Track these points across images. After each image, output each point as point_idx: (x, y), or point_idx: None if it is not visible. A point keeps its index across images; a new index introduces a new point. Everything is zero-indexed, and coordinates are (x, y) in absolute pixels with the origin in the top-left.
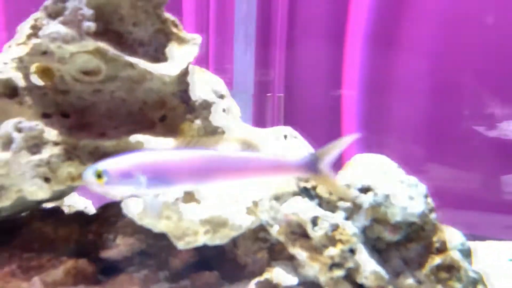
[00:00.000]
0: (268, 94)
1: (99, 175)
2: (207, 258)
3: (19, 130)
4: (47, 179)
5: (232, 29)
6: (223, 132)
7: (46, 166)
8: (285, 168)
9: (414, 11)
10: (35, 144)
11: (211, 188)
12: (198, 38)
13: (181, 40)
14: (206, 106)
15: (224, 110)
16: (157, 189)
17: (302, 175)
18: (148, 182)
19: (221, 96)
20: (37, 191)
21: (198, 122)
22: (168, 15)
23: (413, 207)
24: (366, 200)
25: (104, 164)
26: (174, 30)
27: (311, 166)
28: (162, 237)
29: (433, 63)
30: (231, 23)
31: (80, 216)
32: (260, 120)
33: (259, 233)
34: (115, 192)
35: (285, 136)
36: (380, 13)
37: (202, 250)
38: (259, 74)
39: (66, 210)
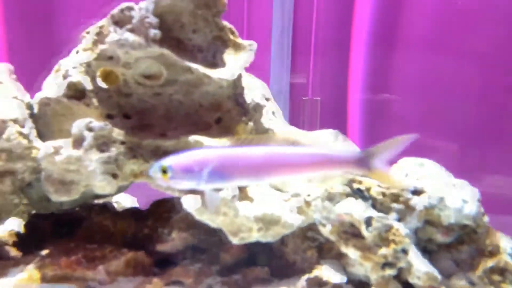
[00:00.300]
0: (305, 98)
1: (164, 171)
2: (256, 255)
3: (90, 129)
4: (114, 175)
5: (269, 33)
6: (273, 133)
7: (114, 163)
8: (340, 162)
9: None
10: (104, 143)
11: (268, 183)
12: (253, 45)
13: (238, 46)
14: (258, 109)
15: (273, 113)
16: (218, 184)
17: (356, 170)
18: (209, 177)
19: (268, 99)
20: (105, 186)
21: (251, 124)
22: (225, 23)
23: (467, 209)
24: (419, 202)
25: (168, 161)
26: (231, 36)
27: (365, 162)
28: (213, 233)
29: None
30: (268, 27)
31: (135, 211)
32: (296, 123)
33: (307, 232)
34: (178, 186)
35: (335, 139)
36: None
37: (251, 247)
38: (295, 77)
39: (115, 206)
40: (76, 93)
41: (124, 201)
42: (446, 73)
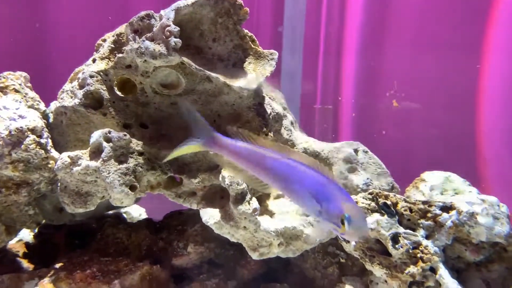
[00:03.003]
0: (316, 106)
1: (342, 222)
2: (274, 270)
3: (109, 139)
4: (132, 187)
5: (281, 42)
6: (293, 145)
7: (132, 175)
8: None
9: None
10: (123, 154)
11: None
12: (275, 54)
13: (258, 55)
14: (278, 119)
15: (292, 123)
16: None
17: None
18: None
19: (284, 108)
20: (123, 198)
21: (271, 135)
22: (246, 31)
23: (499, 227)
24: (448, 218)
25: (348, 211)
26: (252, 45)
27: None
28: (229, 247)
29: None
30: (280, 37)
31: (148, 223)
32: (307, 131)
33: (328, 247)
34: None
35: (356, 150)
36: None
37: (268, 262)
38: (307, 86)
39: (125, 216)
40: (93, 102)
41: (133, 211)
42: None
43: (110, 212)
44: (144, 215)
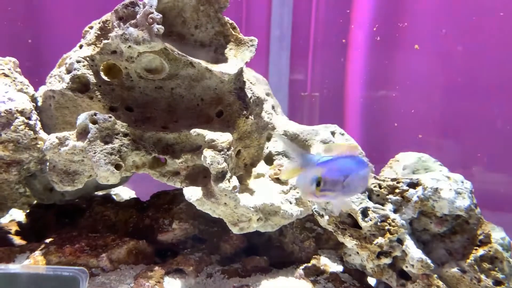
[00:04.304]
0: (303, 94)
1: (318, 183)
2: (255, 245)
3: (95, 121)
4: (118, 166)
5: (268, 30)
6: (273, 128)
7: (117, 154)
8: None
9: None
10: (108, 134)
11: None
12: (254, 40)
13: (239, 42)
14: (259, 103)
15: (273, 107)
16: (352, 193)
17: None
18: (347, 186)
19: (268, 94)
20: (109, 176)
21: (251, 118)
22: (227, 18)
23: (461, 201)
24: (415, 193)
25: (324, 170)
26: (233, 32)
27: None
28: (213, 224)
29: None
30: (267, 24)
31: (136, 202)
32: (294, 118)
33: (306, 223)
34: (326, 199)
35: (333, 133)
36: None
37: (250, 237)
38: (294, 73)
39: (114, 198)
40: (80, 86)
41: (123, 194)
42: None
43: (100, 193)
44: (133, 196)
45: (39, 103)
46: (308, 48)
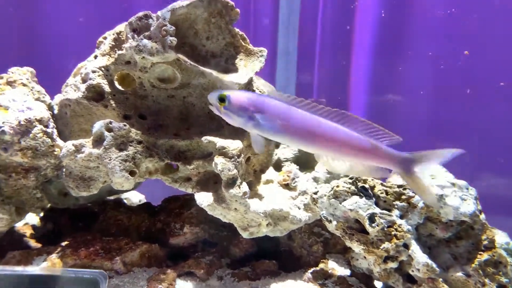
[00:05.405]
0: (311, 99)
1: (222, 99)
2: (264, 249)
3: (110, 129)
4: (132, 172)
5: (275, 39)
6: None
7: (131, 161)
8: (384, 156)
9: None
10: (123, 142)
11: (311, 151)
12: (264, 51)
13: (249, 52)
14: None
15: None
16: (264, 132)
17: (395, 169)
18: (259, 122)
19: None
20: (123, 182)
21: None
22: (237, 30)
23: (465, 207)
24: (420, 200)
25: (230, 92)
26: (243, 43)
27: (408, 164)
28: (222, 228)
29: None
30: (275, 32)
31: (147, 207)
32: None
33: (314, 227)
34: (228, 119)
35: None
36: None
37: (259, 241)
38: (301, 79)
39: (125, 202)
40: (95, 95)
41: (133, 198)
42: None
43: (111, 197)
44: (144, 201)
45: (55, 111)
46: (314, 54)
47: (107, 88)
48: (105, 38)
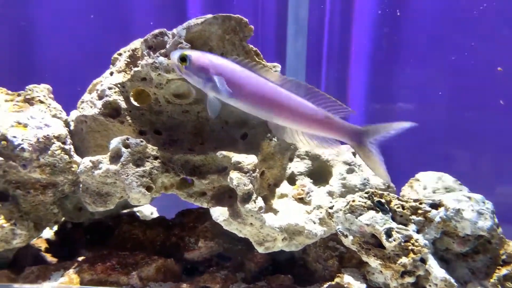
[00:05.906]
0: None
1: (183, 59)
2: (279, 263)
3: (127, 146)
4: (149, 188)
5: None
6: (295, 149)
7: (148, 177)
8: (338, 128)
9: None
10: (140, 158)
11: (265, 118)
12: (278, 66)
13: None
14: None
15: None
16: (221, 95)
17: (348, 141)
18: (217, 85)
19: None
20: (140, 198)
21: (275, 140)
22: (251, 46)
23: (483, 222)
24: (437, 214)
25: (192, 53)
26: (257, 59)
27: (361, 137)
28: (237, 242)
29: None
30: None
31: (162, 220)
32: None
33: (329, 242)
34: (188, 78)
35: (354, 154)
36: None
37: (274, 256)
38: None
39: (138, 215)
40: (112, 111)
41: (146, 211)
42: None
43: (125, 211)
44: (155, 214)
45: (71, 127)
46: (321, 61)
47: (123, 105)
48: (120, 54)
